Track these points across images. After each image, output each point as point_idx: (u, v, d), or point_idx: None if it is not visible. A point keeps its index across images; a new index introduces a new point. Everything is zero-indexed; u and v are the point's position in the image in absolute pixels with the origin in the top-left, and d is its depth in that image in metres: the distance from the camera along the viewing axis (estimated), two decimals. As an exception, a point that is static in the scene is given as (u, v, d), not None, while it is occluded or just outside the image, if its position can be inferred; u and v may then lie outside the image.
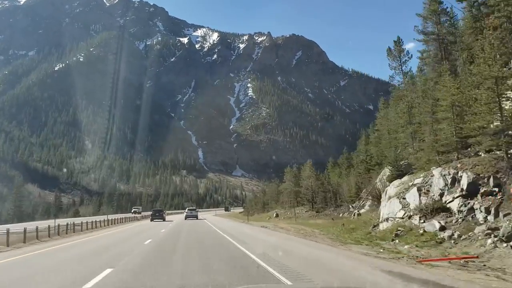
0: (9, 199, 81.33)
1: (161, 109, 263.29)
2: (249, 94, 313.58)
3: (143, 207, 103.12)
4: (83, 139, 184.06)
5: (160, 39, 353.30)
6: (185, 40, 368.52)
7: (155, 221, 44.28)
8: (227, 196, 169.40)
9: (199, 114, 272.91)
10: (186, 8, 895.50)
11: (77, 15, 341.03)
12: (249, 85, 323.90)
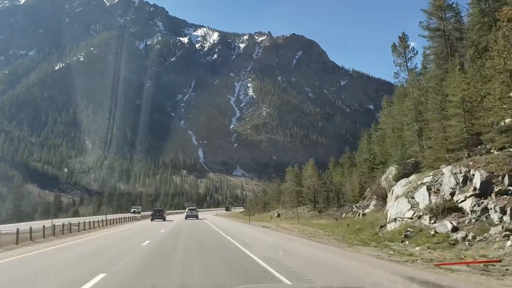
0: (9, 199, 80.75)
1: (161, 109, 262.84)
2: (249, 93, 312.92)
3: (143, 207, 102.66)
4: (83, 139, 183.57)
5: (160, 39, 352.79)
6: (185, 40, 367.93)
7: (155, 220, 44.58)
8: (228, 196, 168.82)
9: (200, 114, 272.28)
10: (186, 8, 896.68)
11: (77, 15, 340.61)
12: (249, 84, 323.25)
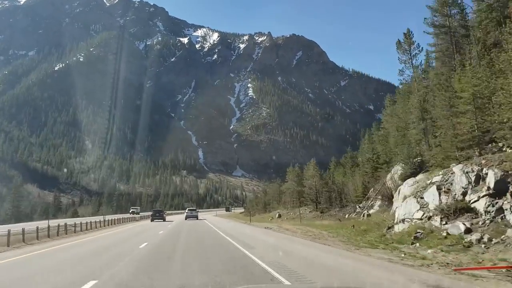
0: (8, 199, 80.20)
1: (161, 109, 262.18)
2: (249, 94, 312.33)
3: (143, 207, 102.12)
4: (83, 139, 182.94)
5: (160, 39, 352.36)
6: (185, 40, 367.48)
7: (155, 221, 44.47)
8: (228, 197, 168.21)
9: (199, 114, 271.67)
10: (186, 8, 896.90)
11: (77, 15, 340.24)
12: (249, 85, 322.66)
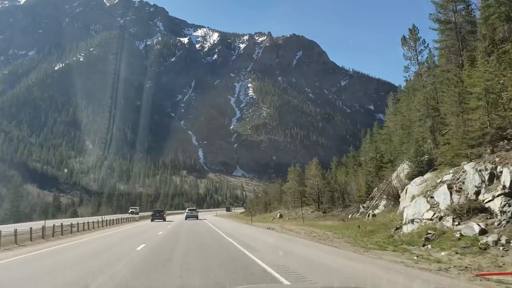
0: (7, 199, 79.68)
1: (161, 109, 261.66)
2: (249, 94, 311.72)
3: (143, 207, 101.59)
4: (83, 139, 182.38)
5: (160, 39, 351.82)
6: (185, 40, 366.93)
7: (155, 221, 44.30)
8: (228, 197, 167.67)
9: (200, 114, 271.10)
10: (186, 8, 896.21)
11: (77, 15, 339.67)
12: (249, 85, 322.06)
